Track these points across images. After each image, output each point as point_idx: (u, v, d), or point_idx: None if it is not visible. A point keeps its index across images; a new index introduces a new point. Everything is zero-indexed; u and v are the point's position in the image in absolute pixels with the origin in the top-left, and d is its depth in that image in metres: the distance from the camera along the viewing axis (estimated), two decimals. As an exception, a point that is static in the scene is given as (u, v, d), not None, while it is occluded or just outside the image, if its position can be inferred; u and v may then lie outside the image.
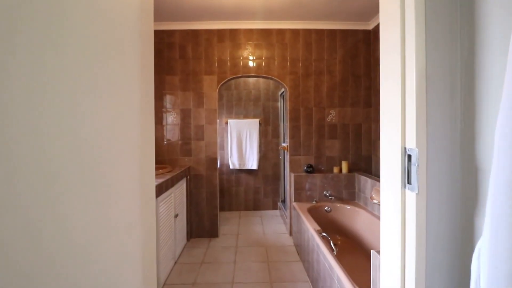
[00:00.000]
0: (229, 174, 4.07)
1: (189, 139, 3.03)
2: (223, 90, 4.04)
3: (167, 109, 3.02)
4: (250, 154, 3.96)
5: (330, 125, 3.09)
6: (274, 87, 4.06)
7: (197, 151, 3.03)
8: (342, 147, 3.10)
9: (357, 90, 3.11)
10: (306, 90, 3.07)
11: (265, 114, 4.07)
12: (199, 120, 3.03)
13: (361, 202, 2.83)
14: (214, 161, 3.03)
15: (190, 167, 3.02)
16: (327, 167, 3.09)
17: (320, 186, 2.94)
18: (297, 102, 3.06)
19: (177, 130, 3.03)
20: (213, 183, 3.03)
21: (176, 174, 2.49)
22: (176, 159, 3.02)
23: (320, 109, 3.08)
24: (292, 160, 3.06)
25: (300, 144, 3.06)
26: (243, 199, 4.08)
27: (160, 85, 3.01)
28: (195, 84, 3.02)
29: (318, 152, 3.08)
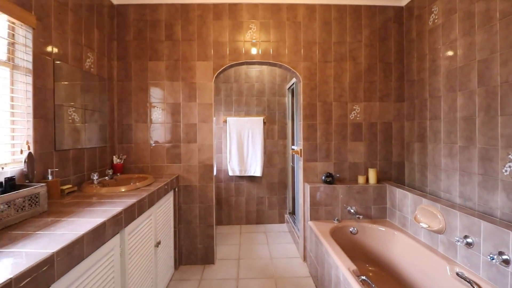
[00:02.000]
0: (227, 181, 3.46)
1: (177, 141, 2.42)
2: (220, 83, 3.43)
3: (151, 104, 2.41)
4: (252, 159, 3.36)
5: (353, 124, 2.49)
6: (281, 79, 3.46)
7: (188, 156, 2.42)
8: (369, 151, 2.50)
9: (386, 80, 2.51)
10: (324, 80, 2.47)
11: (270, 111, 3.46)
12: (191, 117, 2.42)
13: (396, 221, 2.23)
14: (209, 168, 2.42)
15: (179, 177, 2.41)
16: (351, 176, 2.49)
17: (343, 200, 2.34)
18: (313, 96, 2.46)
19: (163, 130, 2.42)
20: (208, 197, 2.43)
21: (159, 187, 1.88)
22: (162, 166, 2.41)
23: (341, 104, 2.48)
24: (306, 168, 2.45)
25: (316, 147, 2.46)
26: (245, 211, 3.47)
27: (141, 73, 2.40)
28: (185, 72, 2.41)
29: (339, 157, 2.48)
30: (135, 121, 2.40)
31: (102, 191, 1.69)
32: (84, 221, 1.14)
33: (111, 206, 1.36)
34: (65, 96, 1.76)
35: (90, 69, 2.03)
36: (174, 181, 2.25)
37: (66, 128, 1.76)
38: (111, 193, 1.67)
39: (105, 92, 2.25)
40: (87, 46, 2.00)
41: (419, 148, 2.32)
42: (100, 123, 2.16)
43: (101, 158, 2.17)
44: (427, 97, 2.21)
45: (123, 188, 1.74)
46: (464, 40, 1.84)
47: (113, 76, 2.37)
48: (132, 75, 2.39)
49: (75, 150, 1.85)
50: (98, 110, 2.13)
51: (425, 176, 2.23)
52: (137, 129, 2.40)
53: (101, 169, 2.15)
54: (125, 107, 2.40)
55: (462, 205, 1.80)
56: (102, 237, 1.14)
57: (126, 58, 2.39)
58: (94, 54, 2.08)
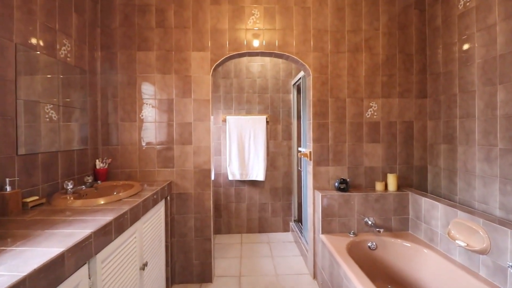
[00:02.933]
0: (227, 186, 3.16)
1: (170, 142, 2.12)
2: (219, 78, 3.13)
3: (140, 100, 2.11)
4: (254, 161, 3.06)
5: (370, 123, 2.20)
6: (286, 74, 3.17)
7: (182, 159, 2.12)
8: (387, 154, 2.21)
9: (407, 73, 2.22)
10: (337, 73, 2.17)
11: (274, 109, 3.17)
12: (185, 115, 2.12)
13: (421, 235, 1.94)
14: (206, 173, 2.13)
15: (172, 183, 2.12)
16: (367, 182, 2.20)
17: (359, 210, 2.05)
18: (324, 91, 2.16)
19: (153, 130, 2.12)
20: (205, 206, 2.13)
21: (146, 198, 1.58)
22: (152, 171, 2.11)
23: (356, 100, 2.19)
24: (316, 173, 2.16)
25: (328, 149, 2.17)
26: (246, 219, 3.18)
27: (128, 65, 2.10)
28: (179, 64, 2.12)
29: (354, 161, 2.19)
30: (122, 119, 2.10)
31: (75, 204, 1.40)
32: (37, 253, 0.85)
33: (79, 227, 1.07)
34: (34, 90, 1.46)
35: (66, 58, 1.73)
36: (165, 189, 1.96)
37: (35, 128, 1.46)
38: (86, 206, 1.38)
39: (86, 86, 1.95)
40: (63, 32, 1.70)
41: (446, 151, 2.03)
42: (80, 122, 1.87)
43: (81, 162, 1.87)
44: (457, 92, 1.92)
45: (102, 200, 1.45)
46: (506, 24, 1.56)
47: (95, 68, 2.07)
48: (118, 67, 2.10)
49: (46, 154, 1.55)
50: (77, 107, 1.83)
51: (454, 183, 1.94)
52: (123, 129, 2.10)
53: (80, 176, 1.85)
54: (110, 104, 2.10)
55: (504, 218, 1.52)
56: (59, 274, 0.84)
57: (111, 47, 2.09)
58: (71, 41, 1.78)
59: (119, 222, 1.24)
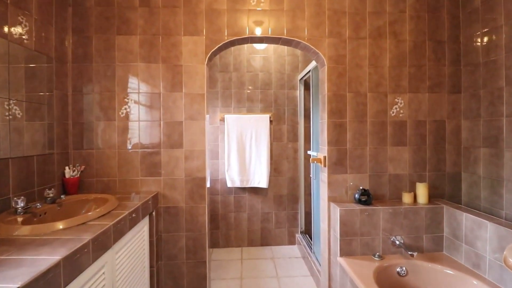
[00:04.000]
0: (226, 194, 2.81)
1: (156, 145, 1.76)
2: (216, 72, 2.78)
3: (120, 94, 1.75)
4: (256, 166, 2.71)
5: (395, 122, 1.86)
6: (291, 68, 2.82)
7: (171, 166, 1.76)
8: (415, 159, 1.87)
9: (438, 64, 1.89)
10: (357, 63, 1.83)
11: (278, 107, 2.82)
12: (175, 113, 1.77)
13: (461, 258, 1.60)
14: (200, 183, 1.77)
15: (159, 195, 1.76)
16: (391, 192, 1.86)
17: (385, 227, 1.70)
18: (342, 84, 1.82)
19: (136, 131, 1.76)
20: (198, 222, 1.77)
21: (121, 218, 1.23)
22: (134, 180, 1.75)
23: (379, 95, 1.85)
24: (332, 182, 1.81)
25: (346, 154, 1.82)
26: (247, 230, 2.82)
27: (106, 53, 1.74)
28: (167, 51, 1.76)
29: (377, 167, 1.84)
30: (98, 118, 1.74)
31: (21, 231, 1.04)
32: None
33: (10, 274, 0.70)
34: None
35: (22, 40, 1.37)
36: (149, 203, 1.60)
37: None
38: (35, 235, 1.02)
39: (53, 77, 1.59)
40: (16, 6, 1.33)
41: (487, 155, 1.69)
42: (43, 121, 1.50)
43: (44, 171, 1.51)
44: (503, 85, 1.58)
45: (62, 224, 1.09)
46: None
47: (66, 56, 1.70)
48: (93, 54, 1.73)
49: (-12, 163, 1.18)
50: (39, 102, 1.47)
51: (499, 195, 1.61)
52: (100, 130, 1.74)
53: (42, 188, 1.49)
54: (83, 99, 1.73)
55: None
56: None
57: (85, 31, 1.73)
58: (31, 20, 1.42)
59: (75, 260, 0.88)
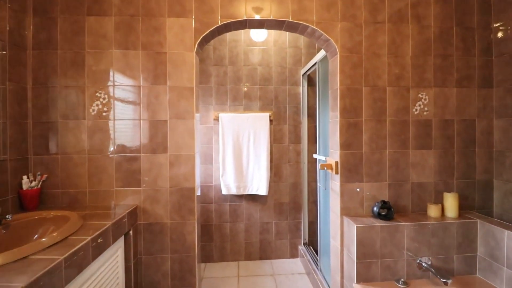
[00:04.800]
0: (220, 202, 2.51)
1: (135, 149, 1.47)
2: (210, 66, 2.48)
3: (90, 88, 1.45)
4: (255, 171, 2.42)
5: (418, 121, 1.59)
6: (294, 61, 2.54)
7: (154, 174, 1.47)
8: (441, 164, 1.60)
9: (467, 54, 1.62)
10: (374, 52, 1.55)
11: (279, 105, 2.54)
12: (158, 110, 1.47)
13: (500, 283, 1.33)
14: (188, 194, 1.48)
15: (138, 210, 1.46)
16: (414, 204, 1.59)
17: (410, 246, 1.43)
18: (356, 76, 1.54)
19: (110, 132, 1.46)
20: (186, 241, 1.48)
21: (82, 246, 0.94)
22: (108, 192, 1.45)
23: (400, 90, 1.57)
24: (346, 191, 1.53)
25: (361, 159, 1.54)
26: (244, 243, 2.53)
27: (74, 38, 1.44)
28: (148, 35, 1.47)
29: (397, 175, 1.57)
30: (64, 116, 1.44)
31: None
32: None
33: None
34: None
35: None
36: (124, 221, 1.30)
37: None
38: None
39: (5, 66, 1.29)
40: None
41: (530, 161, 1.43)
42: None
43: (-9, 182, 1.21)
44: (551, 77, 1.32)
45: (-6, 258, 0.80)
46: None
47: (24, 41, 1.40)
48: (58, 39, 1.43)
49: None
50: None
51: (546, 207, 1.34)
52: (66, 130, 1.44)
53: (-12, 203, 1.19)
54: (46, 94, 1.43)
55: None
56: None
57: (49, 11, 1.43)
58: (-30, -9, 1.12)
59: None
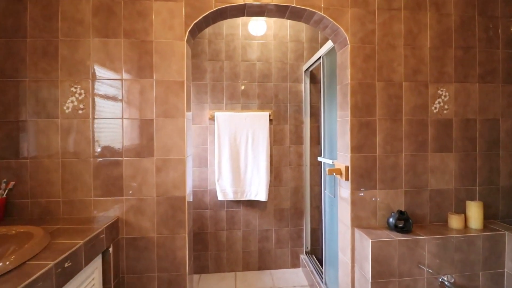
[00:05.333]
0: (216, 208, 2.33)
1: (116, 152, 1.28)
2: (205, 60, 2.29)
3: (64, 82, 1.26)
4: (253, 175, 2.24)
5: (438, 121, 1.42)
6: (296, 56, 2.36)
7: (138, 181, 1.28)
8: (463, 169, 1.43)
9: (490, 46, 1.45)
10: (389, 42, 1.38)
11: (280, 103, 2.36)
12: (143, 107, 1.28)
13: (535, 306, 1.16)
14: (178, 203, 1.29)
15: (120, 222, 1.27)
16: (433, 214, 1.41)
17: (431, 263, 1.25)
18: (369, 70, 1.36)
19: (87, 132, 1.27)
20: (176, 259, 1.29)
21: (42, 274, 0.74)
22: (85, 202, 1.26)
23: (417, 85, 1.40)
24: (357, 200, 1.36)
25: (374, 163, 1.36)
26: (242, 252, 2.35)
27: (46, 24, 1.25)
28: (131, 21, 1.28)
29: (415, 181, 1.40)
30: (34, 114, 1.25)
31: None
32: None
33: None
34: None
35: None
36: (102, 237, 1.11)
37: None
38: None
39: (-40, 54, 1.09)
40: None
41: None
42: None
43: None
44: None
45: None
46: None
47: (-14, 26, 1.21)
48: (27, 25, 1.24)
49: None
50: None
51: None
52: (37, 131, 1.25)
53: None
54: (13, 89, 1.24)
55: None
56: None
57: (16, -8, 1.24)
58: None
59: None
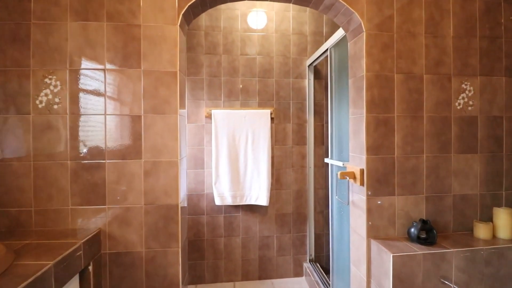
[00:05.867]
0: (213, 213, 2.16)
1: (97, 154, 1.10)
2: (201, 54, 2.12)
3: (36, 71, 1.08)
4: (253, 177, 2.08)
5: (462, 118, 1.27)
6: (299, 50, 2.20)
7: (123, 187, 1.11)
8: (489, 172, 1.28)
9: (519, 36, 1.31)
10: (409, 30, 1.23)
11: (281, 100, 2.20)
12: (128, 101, 1.11)
13: None
14: (170, 213, 1.13)
15: (102, 235, 1.10)
16: (456, 222, 1.27)
17: (458, 280, 1.10)
18: (387, 60, 1.21)
19: (63, 130, 1.09)
20: (167, 277, 1.12)
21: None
22: (61, 211, 1.08)
23: (439, 78, 1.25)
24: (374, 208, 1.20)
25: (393, 166, 1.21)
26: (241, 260, 2.18)
27: (16, 3, 1.07)
28: (115, 2, 1.11)
29: (437, 185, 1.25)
30: (1, 110, 1.07)
31: None
32: None
33: None
34: None
35: None
36: (79, 254, 0.94)
37: None
38: None
39: None
40: None
41: None
42: None
43: None
44: None
45: None
46: None
47: None
48: (-7, 6, 1.07)
49: None
50: None
51: None
52: (4, 129, 1.07)
53: None
54: (-24, 79, 1.06)
55: None
56: None
57: (-21, -34, 1.06)
58: None
59: None
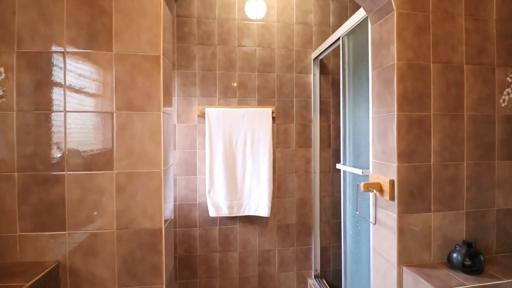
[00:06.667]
0: (207, 225, 1.90)
1: (55, 164, 0.84)
2: (193, 44, 1.87)
3: (-26, 54, 0.82)
4: (253, 185, 1.83)
5: (506, 118, 1.06)
6: (303, 42, 1.97)
7: (88, 207, 0.85)
8: (538, 182, 1.08)
9: None
10: (446, 11, 1.01)
11: (284, 98, 1.96)
12: (96, 94, 0.86)
13: None
14: (151, 239, 0.87)
15: (60, 270, 0.84)
16: (501, 242, 1.06)
17: (512, 318, 0.89)
18: (420, 46, 0.99)
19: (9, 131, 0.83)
20: (149, 318, 0.87)
21: None
22: (6, 239, 0.82)
23: (481, 69, 1.04)
24: (406, 227, 0.98)
25: (429, 176, 0.99)
26: (238, 278, 1.94)
27: None
28: (82, -35, 0.85)
29: (479, 198, 1.03)
30: None
31: None
32: None
33: None
34: None
35: None
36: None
37: None
38: None
39: None
40: None
41: None
42: None
43: None
44: None
45: None
46: None
47: None
48: None
49: None
50: None
51: None
52: None
53: None
54: None
55: None
56: None
57: None
58: None
59: None
